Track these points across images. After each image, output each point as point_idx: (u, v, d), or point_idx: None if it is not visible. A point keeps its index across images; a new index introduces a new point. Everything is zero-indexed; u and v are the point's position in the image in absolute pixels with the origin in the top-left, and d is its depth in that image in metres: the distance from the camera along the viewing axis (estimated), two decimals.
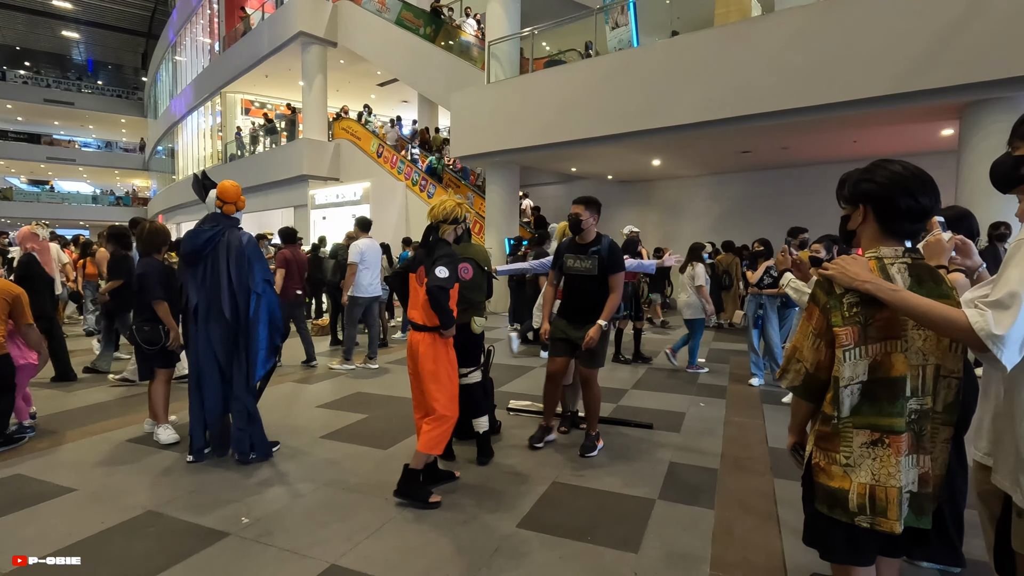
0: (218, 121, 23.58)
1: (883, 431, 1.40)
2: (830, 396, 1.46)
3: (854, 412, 1.43)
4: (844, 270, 1.43)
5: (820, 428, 1.51)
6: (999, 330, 1.19)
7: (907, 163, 1.47)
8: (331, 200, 15.43)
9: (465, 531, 2.71)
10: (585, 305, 3.67)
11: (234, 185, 3.74)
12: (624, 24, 9.75)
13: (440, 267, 2.93)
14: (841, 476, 1.45)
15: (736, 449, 3.89)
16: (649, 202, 14.64)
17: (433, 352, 3.03)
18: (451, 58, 13.52)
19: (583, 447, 3.76)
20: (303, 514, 2.88)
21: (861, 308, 1.41)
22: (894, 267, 1.44)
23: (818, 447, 1.51)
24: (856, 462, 1.43)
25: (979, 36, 6.09)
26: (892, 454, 1.40)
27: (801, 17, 7.35)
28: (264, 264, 3.65)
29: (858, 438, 1.43)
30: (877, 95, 6.75)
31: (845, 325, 1.42)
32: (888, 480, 1.40)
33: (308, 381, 5.82)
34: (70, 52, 38.40)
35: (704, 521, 2.85)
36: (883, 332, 1.41)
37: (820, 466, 1.50)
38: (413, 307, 3.12)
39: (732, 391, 5.49)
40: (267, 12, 18.29)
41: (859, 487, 1.42)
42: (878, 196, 1.46)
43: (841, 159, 10.74)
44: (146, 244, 4.01)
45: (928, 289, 1.41)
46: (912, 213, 1.43)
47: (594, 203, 3.73)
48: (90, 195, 37.50)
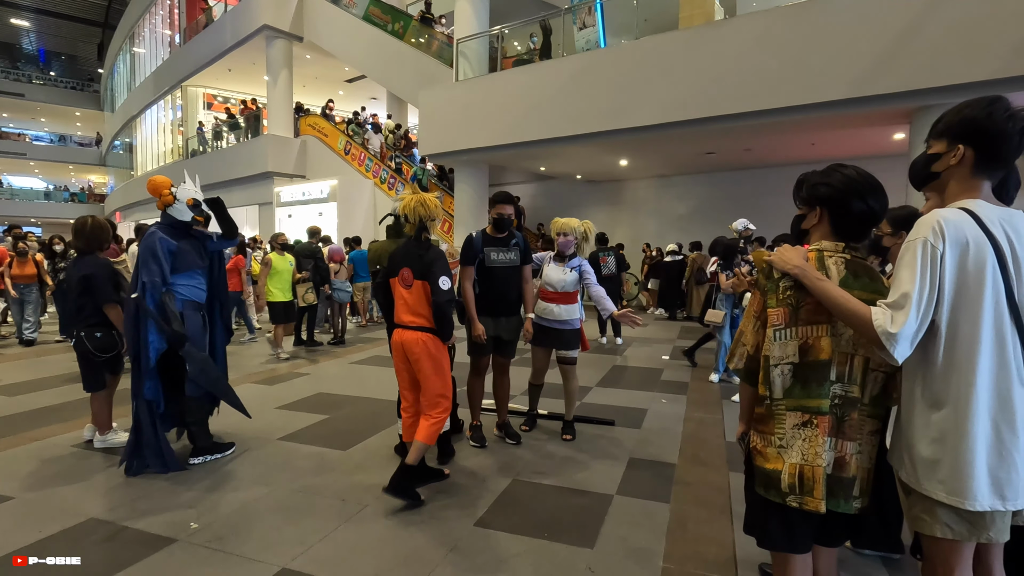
0: (179, 116, 22.86)
1: (812, 412, 1.47)
2: (761, 376, 1.54)
3: (787, 394, 1.50)
4: (781, 256, 1.53)
5: (757, 411, 1.58)
6: (894, 328, 1.30)
7: (860, 169, 1.55)
8: (297, 198, 15.13)
9: (421, 531, 2.69)
10: (511, 296, 3.77)
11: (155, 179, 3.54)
12: (591, 25, 9.84)
13: (443, 278, 2.89)
14: (775, 457, 1.51)
15: (694, 444, 3.96)
16: (618, 202, 14.80)
17: (434, 347, 2.99)
18: (420, 55, 13.39)
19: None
20: (255, 518, 2.81)
21: (794, 292, 1.50)
22: (832, 259, 1.51)
23: (755, 430, 1.59)
24: (788, 443, 1.49)
25: (930, 43, 6.34)
26: (819, 434, 1.46)
27: (763, 21, 7.53)
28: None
29: (790, 419, 1.50)
30: (834, 99, 6.97)
31: (777, 306, 1.51)
32: (815, 460, 1.46)
33: (270, 382, 5.69)
34: (20, 41, 36.65)
35: (660, 515, 2.89)
36: (812, 316, 1.48)
37: (758, 449, 1.57)
38: (402, 311, 3.02)
39: (693, 387, 5.59)
40: (230, 4, 17.82)
41: (790, 467, 1.48)
42: (833, 199, 1.54)
43: (800, 161, 11.06)
44: (89, 240, 3.67)
45: (862, 284, 1.48)
46: (863, 216, 1.52)
47: (514, 201, 3.93)
48: (42, 191, 35.87)
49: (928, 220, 1.35)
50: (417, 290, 2.98)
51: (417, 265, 2.97)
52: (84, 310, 3.59)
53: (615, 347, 7.87)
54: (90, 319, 3.59)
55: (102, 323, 3.61)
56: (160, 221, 3.55)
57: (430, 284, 2.93)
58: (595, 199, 14.97)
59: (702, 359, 6.66)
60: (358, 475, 3.31)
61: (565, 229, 3.90)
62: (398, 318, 3.05)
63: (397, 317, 3.05)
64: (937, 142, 1.46)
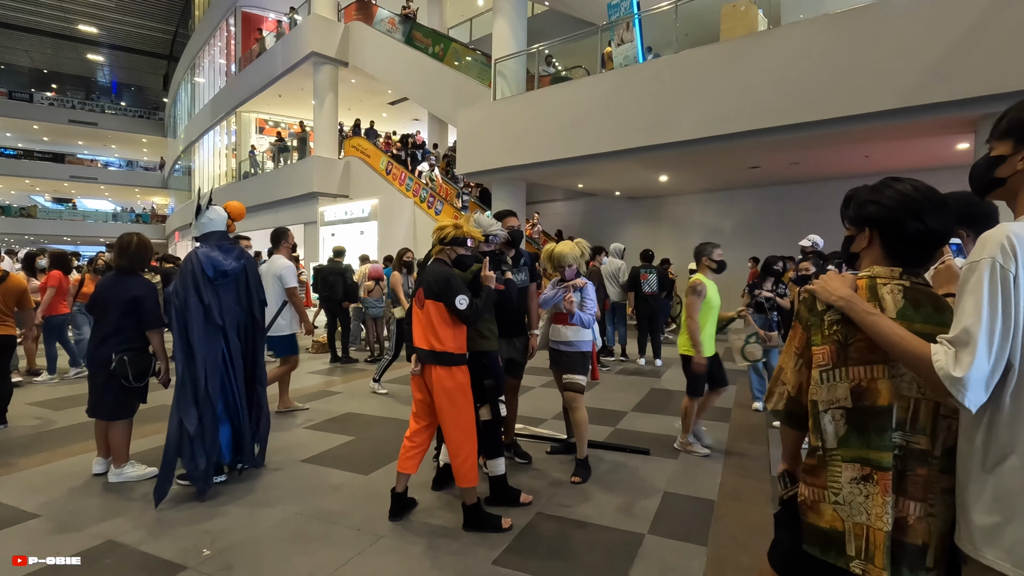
0: (233, 140, 23.98)
1: (872, 466, 1.26)
2: (811, 423, 1.34)
3: (842, 443, 1.30)
4: (824, 285, 1.34)
5: (807, 460, 1.38)
6: (959, 371, 1.07)
7: (918, 182, 1.33)
8: (340, 217, 15.49)
9: (436, 568, 2.54)
10: (520, 317, 3.72)
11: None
12: (629, 41, 9.71)
13: (460, 297, 2.79)
14: (831, 515, 1.30)
15: (735, 479, 3.67)
16: (659, 219, 14.46)
17: (450, 380, 2.83)
18: (459, 76, 13.57)
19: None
20: (269, 546, 2.73)
21: (841, 327, 1.30)
22: (886, 287, 1.30)
23: (805, 482, 1.38)
24: (847, 499, 1.28)
25: (992, 47, 5.89)
26: (880, 492, 1.25)
27: (808, 31, 7.22)
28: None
29: (847, 472, 1.28)
30: (886, 108, 6.56)
31: (823, 344, 1.32)
32: (876, 522, 1.24)
33: (302, 400, 5.70)
34: (95, 75, 39.60)
35: (695, 559, 2.64)
36: (865, 355, 1.27)
37: (808, 503, 1.35)
38: (417, 335, 2.91)
39: (736, 416, 5.26)
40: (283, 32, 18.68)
41: (855, 527, 1.26)
42: (884, 220, 1.33)
43: (853, 174, 10.50)
44: (134, 260, 3.55)
45: (925, 315, 1.26)
46: (921, 239, 1.30)
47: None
48: (111, 212, 38.32)
49: (995, 236, 1.11)
50: (429, 311, 2.86)
51: (429, 285, 2.88)
52: (124, 332, 3.44)
53: (655, 368, 7.56)
54: (130, 342, 3.45)
55: (142, 347, 3.50)
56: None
57: (445, 305, 2.82)
58: (635, 216, 14.68)
59: (742, 383, 6.28)
60: (376, 503, 3.20)
61: (566, 260, 3.70)
62: (417, 343, 2.93)
63: (416, 341, 2.94)
64: (1001, 143, 1.23)
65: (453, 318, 2.84)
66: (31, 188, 36.03)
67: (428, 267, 2.97)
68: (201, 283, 3.35)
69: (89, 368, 3.55)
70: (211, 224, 3.59)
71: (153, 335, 3.53)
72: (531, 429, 4.62)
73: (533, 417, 5.06)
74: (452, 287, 2.81)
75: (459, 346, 2.88)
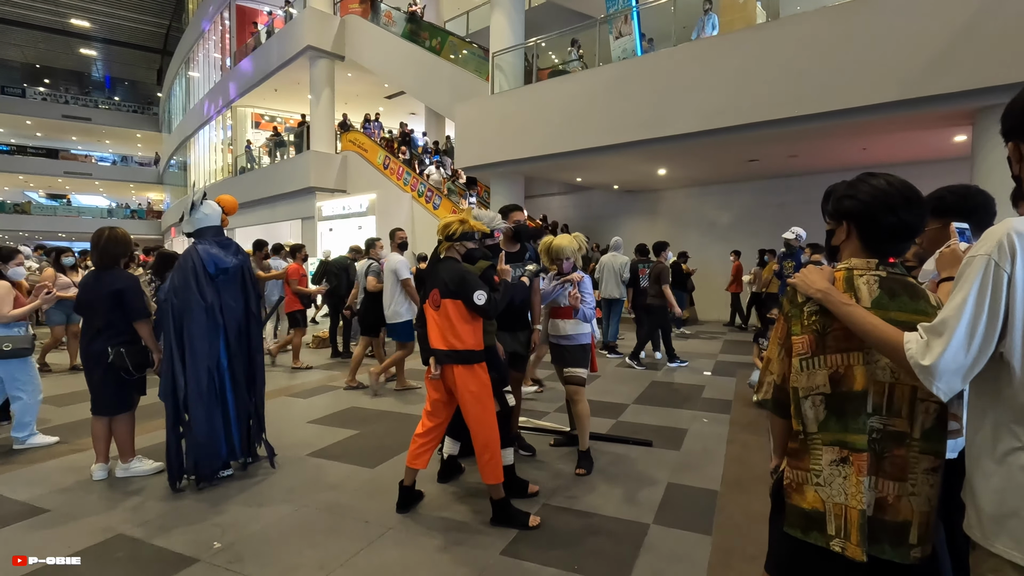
0: (229, 135, 23.85)
1: (849, 448, 1.33)
2: (793, 409, 1.42)
3: (822, 428, 1.37)
4: (804, 279, 1.41)
5: (790, 444, 1.46)
6: (926, 360, 1.10)
7: (893, 177, 1.39)
8: (337, 212, 15.45)
9: (444, 559, 2.57)
10: (523, 311, 3.67)
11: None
12: (628, 33, 9.69)
13: (478, 293, 2.79)
14: (814, 496, 1.37)
15: (738, 469, 3.71)
16: (656, 212, 14.47)
17: (474, 382, 2.84)
18: (456, 70, 13.52)
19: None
20: (278, 538, 2.75)
21: (819, 317, 1.38)
22: (863, 278, 1.36)
23: (790, 465, 1.45)
24: (827, 480, 1.35)
25: (991, 39, 5.91)
26: (855, 473, 1.31)
27: (806, 24, 7.22)
28: None
29: (827, 455, 1.36)
30: (885, 101, 6.58)
31: (802, 333, 1.40)
32: (851, 501, 1.31)
33: (304, 395, 5.72)
34: (88, 69, 39.22)
35: (701, 549, 2.68)
36: (841, 343, 1.34)
37: (792, 485, 1.42)
38: (434, 336, 2.89)
39: (737, 407, 5.30)
40: (276, 27, 18.54)
41: (835, 507, 1.33)
42: (860, 214, 1.39)
43: (851, 167, 10.52)
44: (104, 254, 3.49)
45: (900, 304, 1.31)
46: (895, 231, 1.36)
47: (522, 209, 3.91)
48: (105, 208, 38.08)
49: (997, 232, 1.09)
50: (447, 310, 2.86)
51: (446, 284, 2.87)
52: (115, 326, 3.43)
53: (655, 362, 7.60)
54: (123, 335, 3.45)
55: (135, 339, 3.48)
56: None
57: (464, 302, 2.83)
58: (633, 209, 14.69)
59: (743, 374, 6.33)
60: (383, 496, 3.23)
61: (565, 254, 3.71)
62: (432, 344, 2.92)
63: (432, 343, 2.92)
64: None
65: (471, 313, 2.85)
66: (25, 184, 35.76)
67: (440, 266, 2.95)
68: (203, 280, 3.37)
69: (84, 365, 3.53)
70: (206, 219, 3.59)
71: (141, 326, 3.48)
72: (534, 422, 4.66)
73: (535, 410, 5.10)
74: (469, 283, 2.82)
75: (478, 342, 2.88)
